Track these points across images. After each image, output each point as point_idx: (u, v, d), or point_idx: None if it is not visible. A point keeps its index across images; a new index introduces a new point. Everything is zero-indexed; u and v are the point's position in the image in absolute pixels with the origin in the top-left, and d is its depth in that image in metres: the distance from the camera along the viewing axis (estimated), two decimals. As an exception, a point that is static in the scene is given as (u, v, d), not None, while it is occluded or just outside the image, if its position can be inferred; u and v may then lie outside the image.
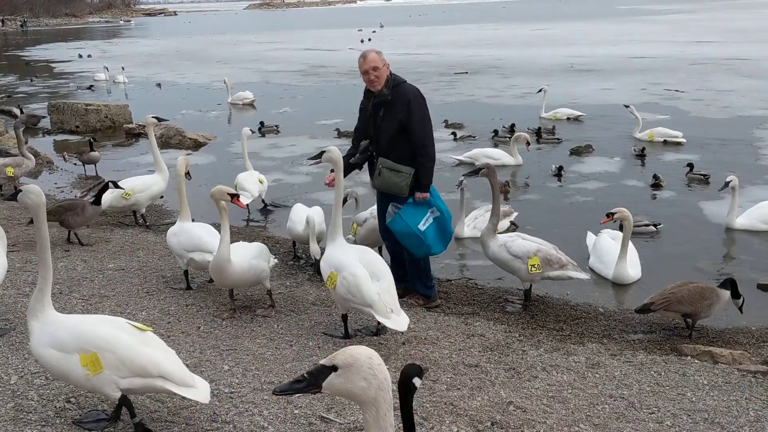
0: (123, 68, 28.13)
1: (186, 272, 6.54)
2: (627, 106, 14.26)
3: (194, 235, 6.37)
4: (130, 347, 3.75)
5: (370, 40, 44.79)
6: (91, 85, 25.73)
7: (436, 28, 56.71)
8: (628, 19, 57.86)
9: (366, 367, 2.21)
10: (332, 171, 5.71)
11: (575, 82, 21.97)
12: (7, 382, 4.48)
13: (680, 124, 15.06)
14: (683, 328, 5.96)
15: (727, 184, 8.43)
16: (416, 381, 3.15)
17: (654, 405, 4.42)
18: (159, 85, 25.43)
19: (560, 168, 11.33)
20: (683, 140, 13.25)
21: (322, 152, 5.51)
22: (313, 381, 2.25)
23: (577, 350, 5.31)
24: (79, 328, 3.80)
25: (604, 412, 4.32)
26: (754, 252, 7.99)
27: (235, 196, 5.65)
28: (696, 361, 5.14)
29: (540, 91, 16.72)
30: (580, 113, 16.43)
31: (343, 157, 6.13)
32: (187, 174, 7.05)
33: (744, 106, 16.76)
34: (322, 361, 2.27)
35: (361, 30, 52.41)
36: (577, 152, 12.74)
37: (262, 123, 15.67)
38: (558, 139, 13.98)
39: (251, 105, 20.32)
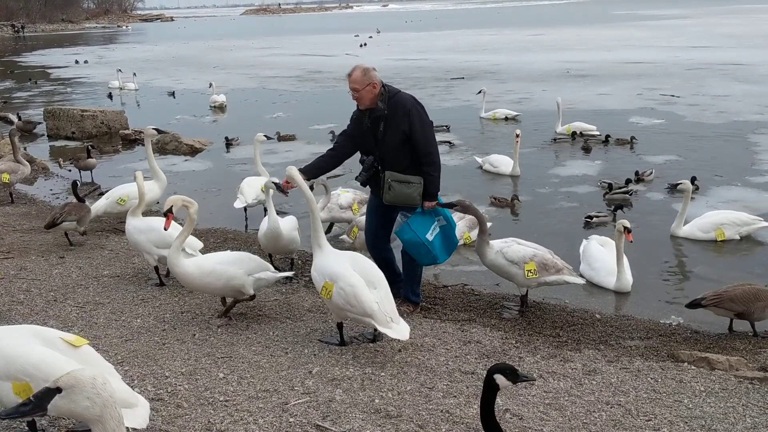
0: (135, 74, 27.10)
1: (156, 267, 6.73)
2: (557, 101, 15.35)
3: (165, 232, 6.24)
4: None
5: (365, 44, 44.90)
6: (110, 93, 24.63)
7: (432, 34, 56.84)
8: (623, 24, 58.10)
9: (89, 386, 2.31)
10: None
11: (571, 88, 21.99)
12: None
13: (676, 128, 15.14)
14: (676, 331, 5.96)
15: (675, 186, 8.40)
16: (498, 378, 3.13)
17: (651, 412, 4.41)
18: (173, 93, 24.49)
19: (637, 173, 11.05)
20: (597, 133, 14.55)
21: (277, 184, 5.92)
22: (38, 403, 2.32)
23: (574, 357, 5.30)
24: (9, 352, 3.53)
25: (601, 420, 4.31)
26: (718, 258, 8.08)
27: (167, 214, 5.66)
28: (693, 367, 5.13)
29: (479, 92, 17.59)
30: (516, 113, 17.13)
31: (319, 158, 6.30)
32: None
33: (740, 110, 16.80)
34: (48, 384, 2.36)
35: (357, 35, 52.48)
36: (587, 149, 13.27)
37: (227, 138, 15.13)
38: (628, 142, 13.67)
39: (220, 108, 20.76)
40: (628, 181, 10.43)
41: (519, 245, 6.30)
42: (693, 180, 10.57)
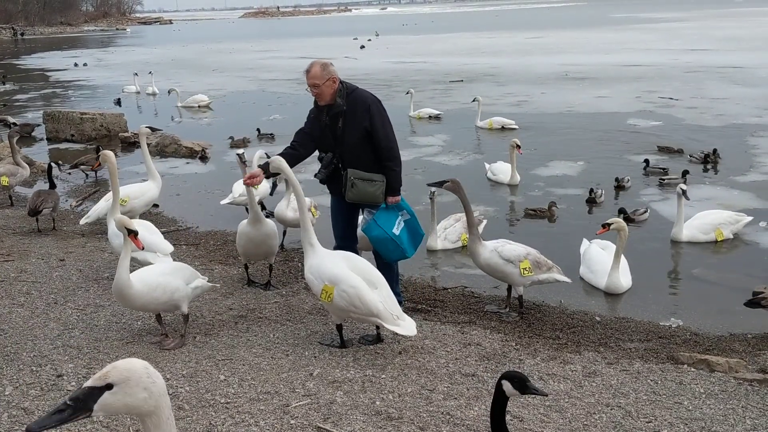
0: (151, 72, 26.36)
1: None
2: (474, 99, 16.75)
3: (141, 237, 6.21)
4: None
5: (364, 47, 44.98)
6: (119, 99, 23.31)
7: (431, 37, 56.87)
8: (622, 27, 58.16)
9: (144, 376, 2.12)
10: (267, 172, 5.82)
11: (570, 90, 22.04)
12: (2, 393, 4.47)
13: (675, 131, 15.17)
14: (676, 333, 5.97)
15: (684, 192, 8.26)
16: (504, 384, 3.14)
17: (651, 414, 4.42)
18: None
19: (617, 179, 10.82)
20: (516, 126, 15.91)
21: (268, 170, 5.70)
22: (81, 406, 2.06)
23: (574, 359, 5.31)
24: None
25: (602, 422, 4.32)
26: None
27: (132, 233, 5.20)
28: (692, 369, 5.14)
29: (407, 93, 18.79)
30: (439, 112, 18.22)
31: (280, 154, 6.01)
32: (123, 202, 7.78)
33: (738, 113, 16.83)
34: (88, 383, 2.10)
35: (356, 38, 52.52)
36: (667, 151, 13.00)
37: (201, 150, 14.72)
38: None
39: (207, 107, 21.48)
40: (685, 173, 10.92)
41: (511, 244, 6.34)
42: (684, 174, 11.02)
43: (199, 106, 21.51)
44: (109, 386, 2.09)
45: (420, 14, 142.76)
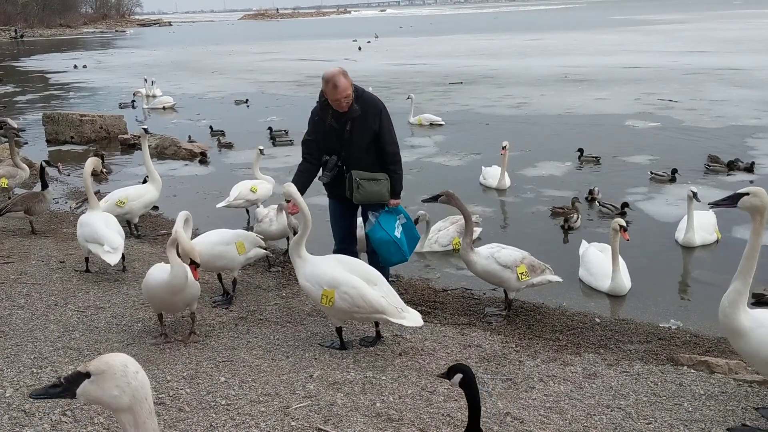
0: (153, 82, 24.72)
1: (87, 258, 7.16)
2: (408, 97, 17.80)
3: (94, 229, 6.81)
4: None
5: (360, 48, 45.02)
6: (133, 101, 23.13)
7: (430, 39, 56.89)
8: (621, 29, 58.21)
9: (120, 374, 2.14)
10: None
11: (570, 92, 22.05)
12: (2, 395, 4.47)
13: (675, 132, 15.19)
14: (676, 335, 5.98)
15: (695, 194, 8.13)
16: (456, 378, 3.55)
17: (651, 415, 4.43)
18: (247, 101, 22.94)
19: (591, 191, 10.43)
20: (443, 123, 17.12)
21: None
22: (67, 386, 2.17)
23: (574, 360, 5.32)
24: None
25: (602, 423, 4.32)
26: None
27: (194, 265, 5.13)
28: (692, 370, 5.15)
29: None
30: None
31: (297, 176, 6.02)
32: (102, 172, 7.85)
33: (737, 115, 16.85)
34: (78, 367, 2.20)
35: (355, 40, 52.56)
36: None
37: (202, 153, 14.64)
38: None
39: (172, 108, 22.23)
40: (671, 172, 11.22)
41: (506, 249, 6.33)
42: (674, 172, 11.30)
43: (164, 108, 22.15)
44: (87, 374, 2.16)
45: (419, 16, 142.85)
